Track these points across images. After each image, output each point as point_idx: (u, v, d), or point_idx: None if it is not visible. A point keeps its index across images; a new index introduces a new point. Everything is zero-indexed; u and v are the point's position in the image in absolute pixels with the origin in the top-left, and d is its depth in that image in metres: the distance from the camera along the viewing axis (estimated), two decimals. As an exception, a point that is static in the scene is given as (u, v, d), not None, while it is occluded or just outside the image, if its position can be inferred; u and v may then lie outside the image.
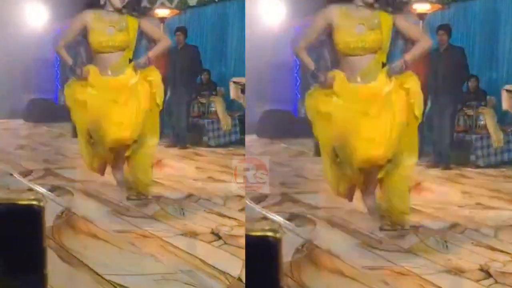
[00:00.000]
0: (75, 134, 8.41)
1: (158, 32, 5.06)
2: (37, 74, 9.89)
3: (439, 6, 7.26)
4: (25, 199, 1.22)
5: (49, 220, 4.39)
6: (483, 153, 6.65)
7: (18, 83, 9.62)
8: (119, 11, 4.66)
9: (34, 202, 1.24)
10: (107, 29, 4.65)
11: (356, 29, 3.99)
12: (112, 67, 4.70)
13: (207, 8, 8.40)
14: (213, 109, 7.92)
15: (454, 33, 6.87)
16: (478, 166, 6.55)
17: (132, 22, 4.74)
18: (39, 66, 9.84)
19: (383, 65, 4.02)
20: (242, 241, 4.08)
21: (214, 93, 7.96)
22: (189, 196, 5.21)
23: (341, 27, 3.99)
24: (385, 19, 4.01)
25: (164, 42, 5.06)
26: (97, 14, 4.62)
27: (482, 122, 6.80)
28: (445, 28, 6.73)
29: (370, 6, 3.98)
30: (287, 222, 4.64)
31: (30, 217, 1.25)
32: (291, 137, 8.07)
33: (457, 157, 6.64)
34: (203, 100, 7.98)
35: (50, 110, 9.57)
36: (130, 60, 4.73)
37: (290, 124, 8.55)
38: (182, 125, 7.75)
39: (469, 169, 6.33)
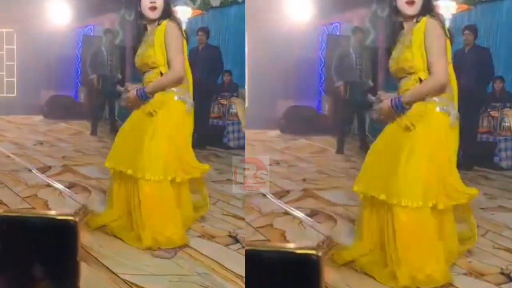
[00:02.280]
0: (93, 131, 8.47)
1: (174, 53, 3.98)
2: (58, 72, 9.94)
3: (466, 6, 7.19)
4: (62, 214, 1.22)
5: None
6: (507, 155, 6.60)
7: (39, 79, 9.67)
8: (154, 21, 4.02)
9: (70, 218, 1.24)
10: (140, 48, 4.05)
11: (396, 50, 3.54)
12: (147, 81, 4.05)
13: (230, 8, 8.38)
14: (233, 110, 7.88)
15: (480, 34, 6.81)
16: (501, 168, 6.49)
17: (157, 33, 3.97)
18: (60, 64, 9.89)
19: (421, 81, 3.47)
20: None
21: (235, 94, 7.92)
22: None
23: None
24: (416, 32, 3.44)
25: (171, 74, 4.00)
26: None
27: (506, 124, 6.75)
28: (471, 28, 6.66)
29: (410, 18, 3.50)
30: (308, 218, 4.61)
31: (65, 231, 1.24)
32: (314, 134, 8.07)
33: (480, 159, 6.58)
34: (224, 101, 7.94)
35: (69, 107, 9.63)
36: (162, 74, 4.03)
37: (313, 121, 8.55)
38: (202, 126, 7.68)
39: (492, 170, 6.25)
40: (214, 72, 7.77)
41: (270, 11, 8.42)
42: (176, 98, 4.04)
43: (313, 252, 1.26)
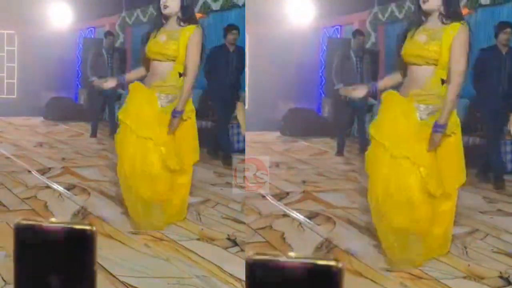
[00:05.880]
0: (93, 133, 8.46)
1: (193, 64, 4.33)
2: (59, 73, 9.94)
3: (466, 10, 7.16)
4: (79, 223, 1.23)
5: (66, 218, 4.40)
6: (506, 159, 6.57)
7: (39, 81, 9.68)
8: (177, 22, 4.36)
9: (87, 227, 1.24)
10: (161, 37, 4.32)
11: (419, 37, 3.72)
12: (161, 77, 4.30)
13: (231, 12, 8.38)
14: (233, 113, 7.85)
15: (481, 38, 6.76)
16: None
17: (184, 34, 4.30)
18: (60, 66, 9.89)
19: (443, 82, 3.66)
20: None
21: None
22: (206, 200, 5.16)
23: (409, 35, 3.78)
24: (447, 33, 3.66)
25: (190, 83, 4.33)
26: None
27: (506, 128, 6.71)
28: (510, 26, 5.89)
29: (444, 18, 3.71)
30: (307, 220, 4.61)
31: (83, 240, 1.24)
32: (314, 136, 8.08)
33: (480, 162, 6.54)
34: (223, 104, 7.91)
35: (69, 109, 9.64)
36: (180, 74, 4.30)
37: (313, 123, 8.55)
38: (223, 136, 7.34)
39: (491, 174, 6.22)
40: (241, 76, 7.07)
41: (270, 14, 8.43)
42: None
43: (334, 263, 1.19)
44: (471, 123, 6.92)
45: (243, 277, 3.54)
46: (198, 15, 8.40)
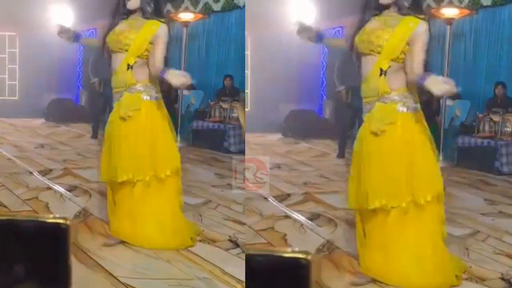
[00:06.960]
0: (94, 135, 8.47)
1: (161, 55, 4.03)
2: (60, 75, 9.95)
3: (468, 11, 7.16)
4: (51, 218, 1.22)
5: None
6: (508, 160, 6.57)
7: (41, 83, 9.70)
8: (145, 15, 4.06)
9: (61, 221, 1.24)
10: (121, 26, 4.06)
11: (371, 25, 3.55)
12: (115, 70, 4.13)
13: (231, 13, 8.40)
14: (234, 114, 7.87)
15: (482, 39, 6.78)
16: (502, 173, 6.46)
17: (148, 26, 4.02)
18: (62, 67, 9.90)
19: (381, 72, 3.53)
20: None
21: (236, 98, 7.92)
22: (208, 202, 5.17)
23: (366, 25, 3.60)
24: (405, 24, 3.45)
25: (154, 72, 4.03)
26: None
27: (508, 129, 6.74)
28: None
29: (401, 9, 3.49)
30: (309, 221, 4.61)
31: (56, 234, 1.24)
32: (315, 138, 8.07)
33: (481, 163, 6.56)
34: (225, 105, 7.93)
35: (70, 110, 9.65)
36: (128, 67, 4.05)
37: (315, 125, 8.55)
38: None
39: (492, 175, 6.23)
40: None
41: (271, 16, 8.43)
42: (144, 98, 4.13)
43: (303, 256, 1.24)
44: (473, 124, 6.96)
45: (244, 279, 3.54)
46: (198, 16, 8.45)
